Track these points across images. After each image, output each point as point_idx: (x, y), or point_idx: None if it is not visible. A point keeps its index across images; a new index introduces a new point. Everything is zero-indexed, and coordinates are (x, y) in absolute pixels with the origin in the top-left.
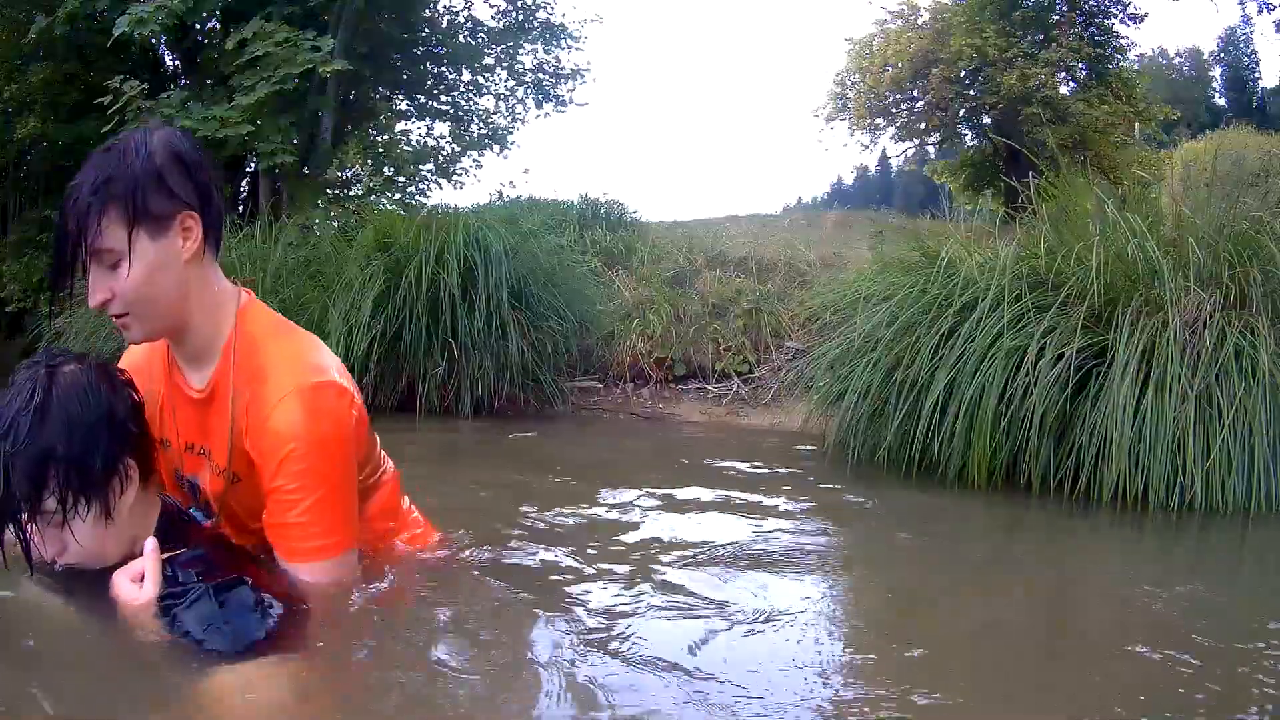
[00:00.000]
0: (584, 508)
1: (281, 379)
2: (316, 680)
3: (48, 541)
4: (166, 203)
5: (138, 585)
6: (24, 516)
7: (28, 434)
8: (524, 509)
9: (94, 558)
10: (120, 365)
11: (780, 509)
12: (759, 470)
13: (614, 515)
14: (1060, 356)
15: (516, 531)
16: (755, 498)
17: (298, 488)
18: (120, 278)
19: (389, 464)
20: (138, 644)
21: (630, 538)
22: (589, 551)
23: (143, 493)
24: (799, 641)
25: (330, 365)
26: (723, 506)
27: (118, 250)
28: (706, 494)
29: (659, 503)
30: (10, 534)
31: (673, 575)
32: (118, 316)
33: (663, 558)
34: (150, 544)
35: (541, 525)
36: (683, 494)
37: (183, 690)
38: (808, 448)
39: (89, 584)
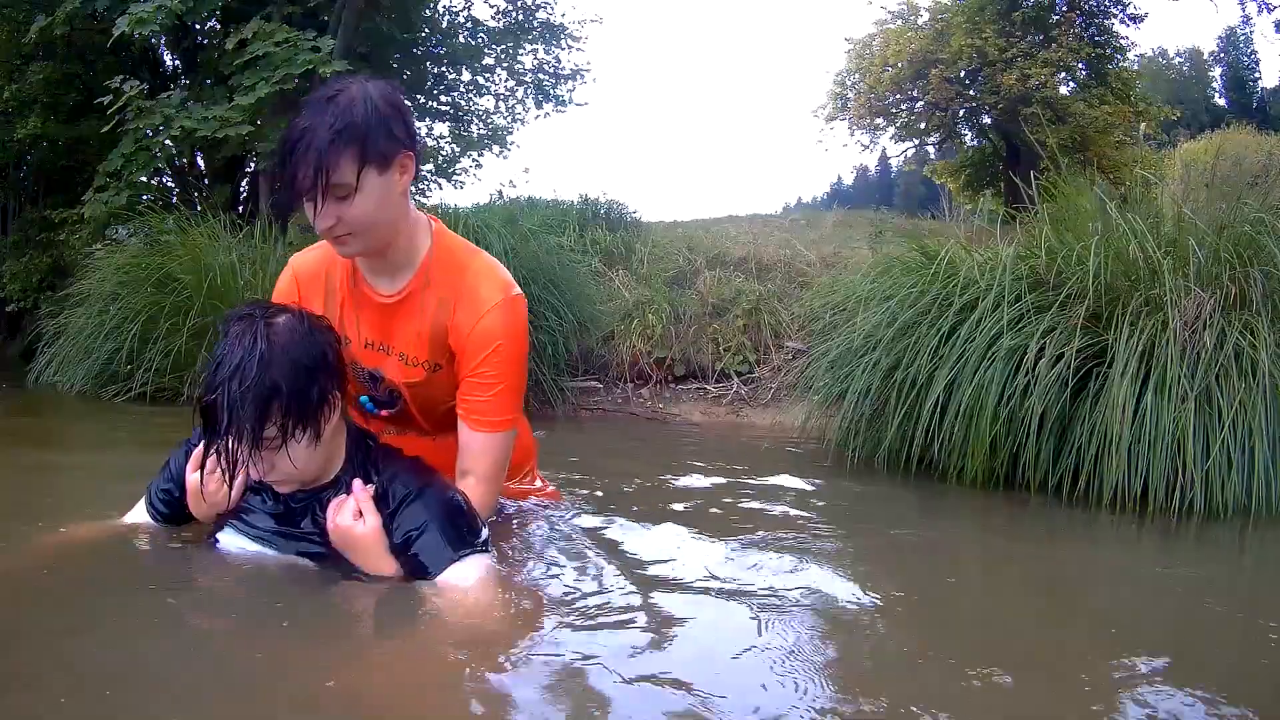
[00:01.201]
0: (585, 507)
1: (489, 291)
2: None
3: (259, 463)
4: (391, 144)
5: (360, 520)
6: (239, 443)
7: (255, 374)
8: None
9: (295, 476)
10: (295, 269)
11: (780, 509)
12: (759, 470)
13: (615, 514)
14: (1060, 356)
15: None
16: (755, 497)
17: (495, 375)
18: (349, 207)
19: None
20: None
21: (631, 536)
22: (588, 550)
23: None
24: (797, 641)
25: (515, 281)
26: (722, 506)
27: (350, 184)
28: (706, 494)
29: (659, 502)
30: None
31: (672, 574)
32: (337, 236)
33: (663, 556)
34: (358, 484)
35: (541, 523)
36: (683, 494)
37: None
38: (808, 448)
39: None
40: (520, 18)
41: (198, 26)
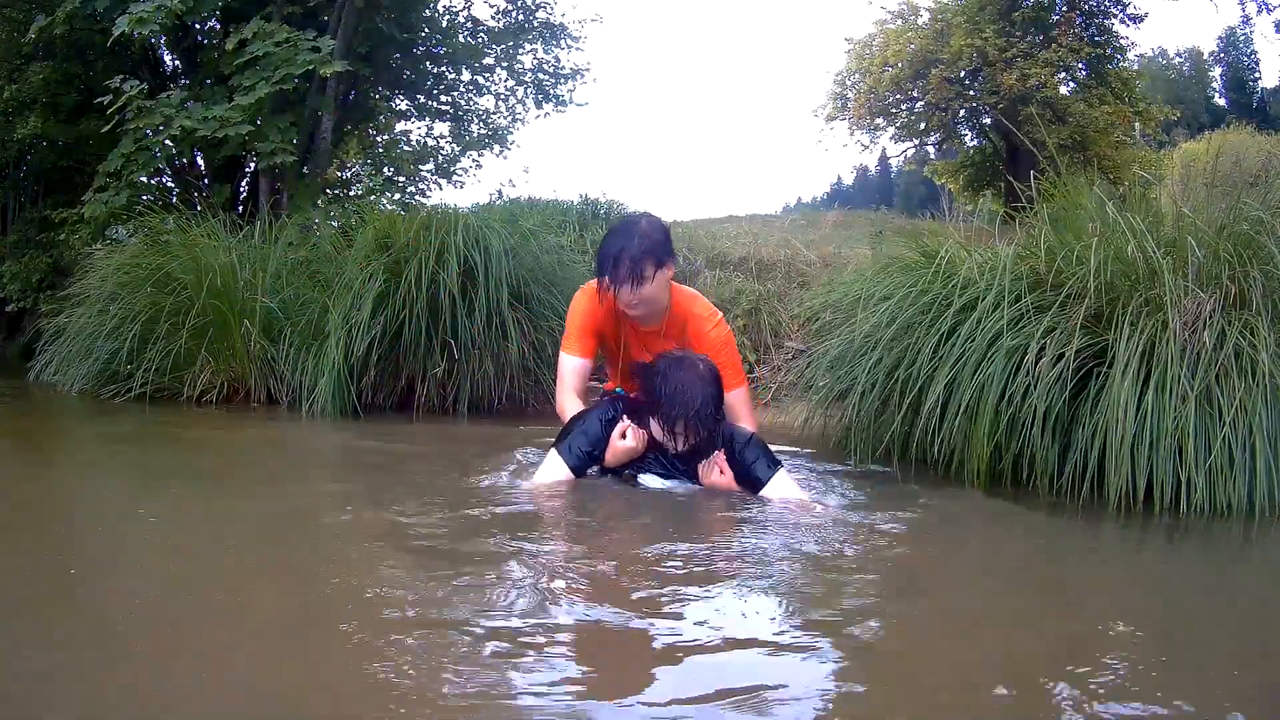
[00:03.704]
0: (587, 505)
1: (707, 317)
2: None
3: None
4: (667, 256)
5: (722, 475)
6: (695, 442)
7: (711, 405)
8: (527, 508)
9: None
10: (590, 311)
11: (779, 508)
12: None
13: (617, 512)
14: (1060, 356)
15: (519, 528)
16: (754, 497)
17: (725, 362)
18: (643, 290)
19: None
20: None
21: (633, 535)
22: (590, 548)
23: None
24: (796, 639)
25: (716, 307)
26: (721, 506)
27: (648, 277)
28: (705, 494)
29: (661, 500)
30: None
31: (671, 573)
32: (632, 306)
33: (663, 556)
34: (719, 454)
35: (543, 520)
36: (682, 492)
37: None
38: (808, 447)
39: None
40: (520, 18)
41: (198, 26)
